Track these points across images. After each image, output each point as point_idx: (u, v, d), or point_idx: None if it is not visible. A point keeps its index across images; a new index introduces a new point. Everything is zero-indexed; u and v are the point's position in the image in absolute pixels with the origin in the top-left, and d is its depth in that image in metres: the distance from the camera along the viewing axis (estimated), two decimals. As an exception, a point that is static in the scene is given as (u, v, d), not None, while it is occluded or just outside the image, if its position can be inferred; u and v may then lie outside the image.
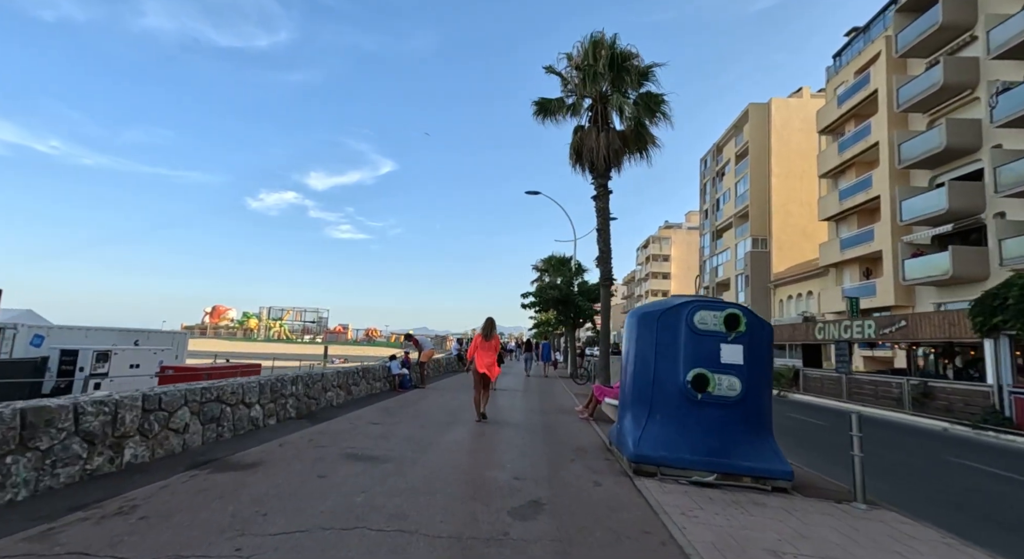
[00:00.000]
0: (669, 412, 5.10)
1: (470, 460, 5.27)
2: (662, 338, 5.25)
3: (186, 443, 4.91)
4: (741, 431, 4.96)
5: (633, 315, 5.71)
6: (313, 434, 6.11)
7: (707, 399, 4.96)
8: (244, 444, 5.34)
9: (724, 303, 5.25)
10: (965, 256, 18.35)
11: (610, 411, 8.85)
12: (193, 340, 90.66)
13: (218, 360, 23.82)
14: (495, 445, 6.13)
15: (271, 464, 4.58)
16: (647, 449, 4.98)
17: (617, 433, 5.73)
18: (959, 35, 20.01)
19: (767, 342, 5.23)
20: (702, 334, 5.08)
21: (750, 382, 4.99)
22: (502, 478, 4.57)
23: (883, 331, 14.41)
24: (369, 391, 10.79)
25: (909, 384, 12.66)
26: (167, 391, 4.73)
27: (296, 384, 7.37)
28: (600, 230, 13.19)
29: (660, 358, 5.23)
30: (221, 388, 5.54)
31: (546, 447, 6.13)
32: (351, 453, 5.18)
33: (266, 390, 6.48)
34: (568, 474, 4.88)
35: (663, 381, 5.17)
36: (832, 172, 27.39)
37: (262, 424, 6.33)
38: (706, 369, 4.99)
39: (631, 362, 5.59)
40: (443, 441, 6.13)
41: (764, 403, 5.11)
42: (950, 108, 20.22)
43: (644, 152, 13.16)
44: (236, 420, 5.78)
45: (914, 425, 11.56)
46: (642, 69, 12.83)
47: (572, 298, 21.10)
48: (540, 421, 8.31)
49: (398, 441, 5.98)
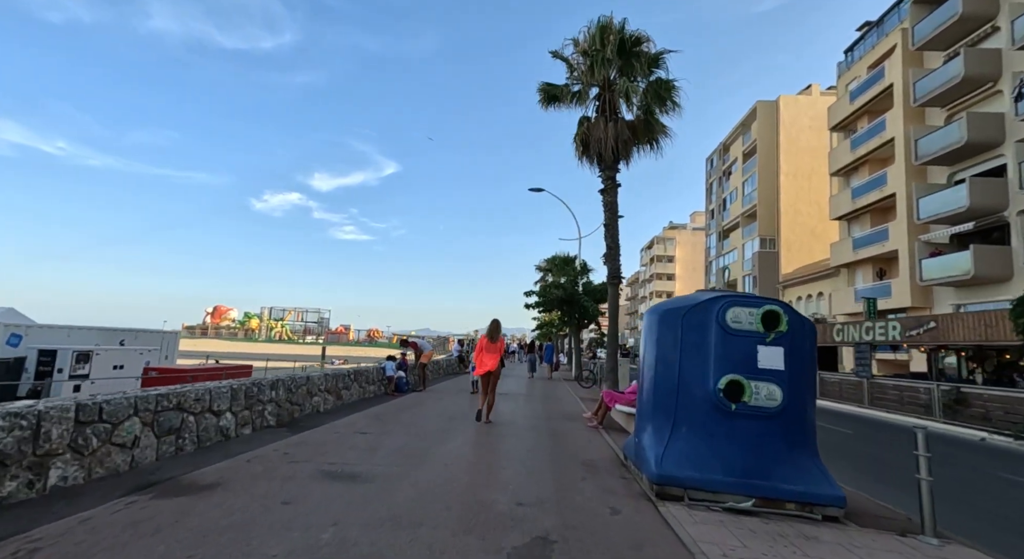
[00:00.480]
0: (697, 424, 4.40)
1: (467, 478, 4.56)
2: (688, 339, 4.55)
3: (135, 460, 4.23)
4: (782, 447, 4.25)
5: (653, 313, 5.01)
6: (290, 446, 5.42)
7: (742, 410, 4.25)
8: (207, 459, 4.65)
9: (761, 298, 4.54)
10: (987, 255, 17.56)
11: (621, 419, 8.14)
12: (193, 340, 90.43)
13: (209, 360, 23.17)
14: (496, 458, 5.43)
15: (231, 485, 3.89)
16: (672, 468, 4.27)
17: (635, 447, 5.02)
18: (980, 26, 19.24)
19: (810, 343, 4.52)
20: (736, 334, 4.37)
21: (792, 390, 4.27)
22: (503, 503, 3.87)
23: (910, 333, 13.64)
24: (362, 395, 10.10)
25: (939, 390, 11.88)
26: (110, 399, 4.05)
27: (276, 389, 6.69)
28: (607, 225, 12.48)
29: (686, 362, 4.53)
30: (182, 395, 4.86)
31: (553, 461, 5.42)
32: (329, 470, 4.49)
33: (239, 396, 5.80)
34: (579, 497, 4.18)
35: (690, 389, 4.47)
36: (844, 170, 26.62)
37: (234, 434, 5.64)
38: (741, 375, 4.28)
39: (651, 366, 4.88)
40: (438, 454, 5.43)
41: (808, 415, 4.39)
42: (970, 102, 19.44)
43: (654, 142, 12.45)
44: (201, 431, 5.10)
45: (946, 434, 10.80)
46: (652, 56, 12.13)
47: (577, 298, 20.37)
48: (545, 429, 7.61)
49: (386, 454, 5.29)
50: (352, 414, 7.99)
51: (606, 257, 12.53)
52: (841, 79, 28.18)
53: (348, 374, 9.43)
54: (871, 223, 24.69)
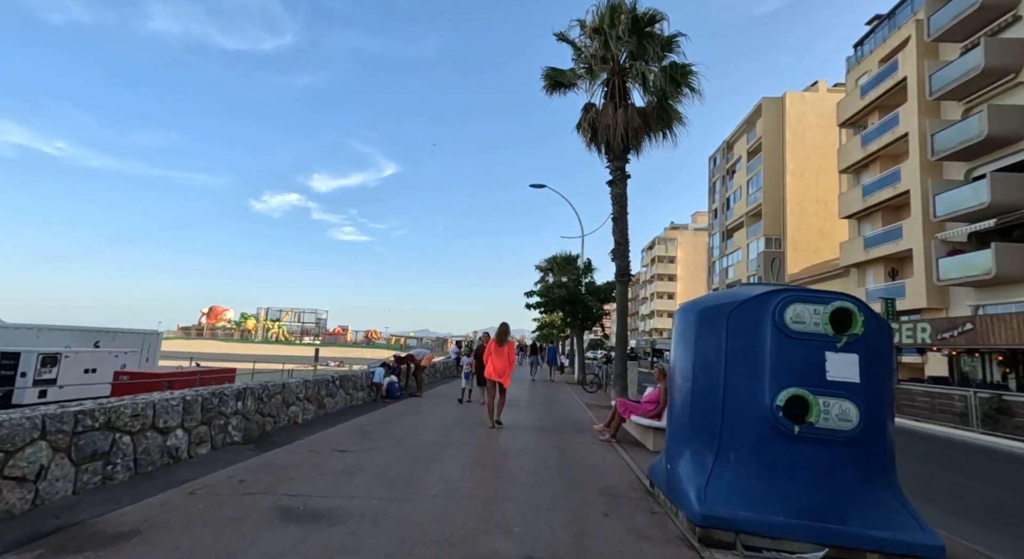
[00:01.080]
0: (749, 451, 3.53)
1: (461, 516, 3.68)
2: (735, 343, 3.68)
3: (40, 497, 3.34)
4: (857, 480, 3.38)
5: (690, 311, 4.14)
6: (249, 470, 4.52)
7: (808, 433, 3.38)
8: (141, 491, 3.76)
9: (827, 294, 3.67)
10: (1010, 254, 16.76)
11: (637, 432, 7.28)
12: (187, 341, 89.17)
13: (194, 362, 22.21)
14: (497, 485, 4.55)
15: (154, 534, 3.00)
16: (719, 506, 3.40)
17: (666, 475, 4.14)
18: (1000, 15, 18.45)
19: (888, 349, 3.65)
20: (797, 338, 3.50)
21: (870, 408, 3.41)
22: (507, 555, 3.00)
23: (942, 336, 12.79)
24: (348, 403, 9.21)
25: (977, 397, 11.02)
26: (6, 420, 3.16)
27: (243, 399, 5.80)
28: (616, 219, 11.62)
29: (732, 372, 3.66)
30: (114, 410, 3.97)
31: (565, 489, 4.54)
32: (290, 506, 3.60)
33: (194, 409, 4.91)
34: (603, 544, 3.30)
35: (738, 405, 3.60)
36: (854, 167, 25.83)
37: (185, 455, 4.75)
38: (805, 389, 3.42)
39: (686, 377, 4.01)
40: (427, 479, 4.54)
41: (888, 439, 3.53)
42: (990, 94, 18.64)
43: (668, 131, 11.60)
44: (140, 454, 4.21)
45: (987, 446, 9.92)
46: (666, 38, 11.28)
47: (581, 298, 19.50)
48: (553, 444, 6.72)
49: (365, 480, 4.40)
50: (334, 426, 7.10)
51: (614, 253, 11.67)
52: (850, 74, 27.40)
53: (332, 380, 8.54)
54: (883, 221, 23.90)
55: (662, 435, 6.68)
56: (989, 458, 9.04)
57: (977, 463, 8.53)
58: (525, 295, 21.97)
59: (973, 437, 10.57)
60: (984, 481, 7.24)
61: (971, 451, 9.46)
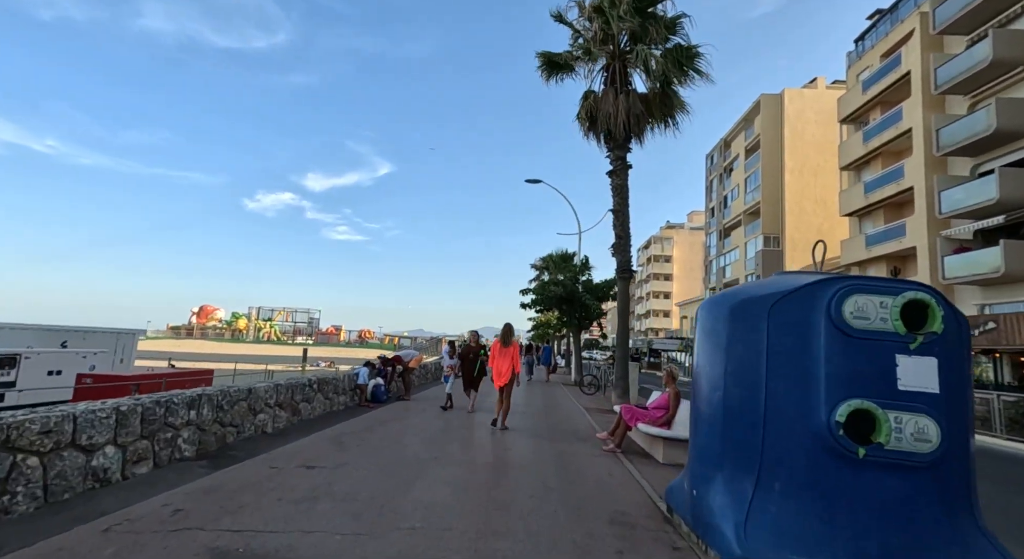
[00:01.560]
0: (798, 478, 2.84)
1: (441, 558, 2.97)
2: (779, 344, 2.99)
3: None
4: (939, 515, 2.71)
5: (720, 305, 3.44)
6: (191, 496, 3.78)
7: (876, 456, 2.70)
8: (37, 530, 3.00)
9: (894, 281, 2.99)
10: (1020, 251, 16.29)
11: (645, 442, 6.60)
12: (176, 341, 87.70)
13: (170, 362, 21.30)
14: (488, 513, 3.83)
15: (31, 596, 2.28)
16: (764, 548, 2.71)
17: (690, 503, 3.44)
18: (1009, 6, 17.97)
19: (968, 352, 2.98)
20: (860, 337, 2.82)
21: (952, 425, 2.73)
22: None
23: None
24: (328, 408, 8.46)
25: (1001, 401, 10.44)
26: None
27: (198, 407, 5.04)
28: (616, 212, 10.96)
29: (775, 380, 2.97)
30: (15, 427, 3.22)
31: (569, 516, 3.83)
32: (226, 548, 2.87)
33: (131, 421, 4.16)
34: (621, 597, 2.60)
35: (784, 421, 2.91)
36: (855, 163, 25.35)
37: (118, 476, 4.00)
38: (872, 401, 2.74)
39: (715, 385, 3.31)
40: (404, 507, 3.82)
41: (969, 465, 2.85)
42: (998, 88, 18.16)
43: (671, 119, 10.96)
44: (53, 478, 3.46)
45: (1015, 454, 9.34)
46: (669, 20, 10.63)
47: (578, 296, 18.81)
48: (552, 455, 6.02)
49: (329, 508, 3.68)
50: (308, 435, 6.36)
51: (614, 248, 11.00)
52: (851, 69, 26.91)
53: (309, 384, 7.77)
54: (885, 219, 23.44)
55: (672, 445, 6.01)
56: (1012, 465, 8.45)
57: (994, 471, 7.90)
58: (520, 293, 21.28)
59: (994, 442, 9.98)
60: (996, 485, 6.64)
61: (998, 459, 8.85)
